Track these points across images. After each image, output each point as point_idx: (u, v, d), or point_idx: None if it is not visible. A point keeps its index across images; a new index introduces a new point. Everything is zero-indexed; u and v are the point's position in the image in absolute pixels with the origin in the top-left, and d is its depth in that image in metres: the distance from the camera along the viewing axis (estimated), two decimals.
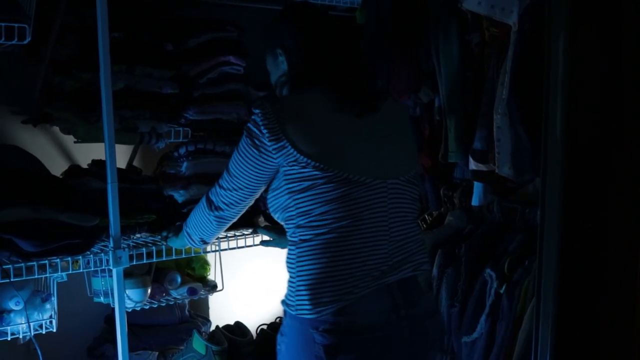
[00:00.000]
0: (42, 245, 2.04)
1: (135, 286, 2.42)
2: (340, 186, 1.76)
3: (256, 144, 1.80)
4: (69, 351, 2.63)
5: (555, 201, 1.95)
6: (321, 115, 1.82)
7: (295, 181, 1.78)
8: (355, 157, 1.81)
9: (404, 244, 1.88)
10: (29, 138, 2.45)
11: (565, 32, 1.90)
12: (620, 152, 1.94)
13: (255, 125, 1.79)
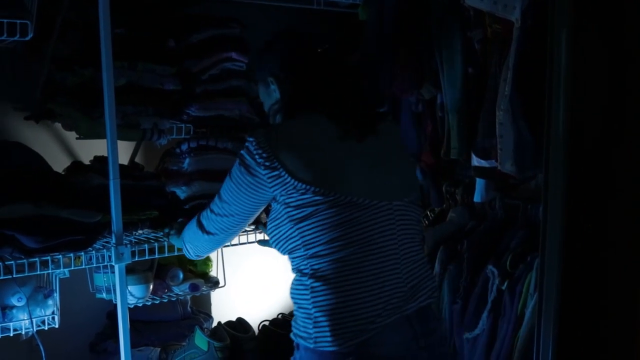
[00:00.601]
0: (45, 242, 2.04)
1: (137, 282, 2.42)
2: (344, 210, 1.73)
3: (250, 172, 1.77)
4: (71, 347, 2.63)
5: (557, 197, 1.95)
6: (318, 141, 1.79)
7: (296, 209, 1.74)
8: (358, 179, 1.78)
9: (415, 268, 1.86)
10: (31, 134, 2.45)
11: (567, 28, 1.90)
12: (623, 149, 1.94)
13: (249, 153, 1.76)
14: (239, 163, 1.80)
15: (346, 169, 1.78)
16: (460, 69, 2.36)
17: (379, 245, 1.77)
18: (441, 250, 2.62)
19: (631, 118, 1.92)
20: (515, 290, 2.30)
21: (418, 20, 2.47)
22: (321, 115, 1.81)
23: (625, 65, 1.92)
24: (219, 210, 1.90)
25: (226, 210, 1.88)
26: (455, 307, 2.50)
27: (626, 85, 1.92)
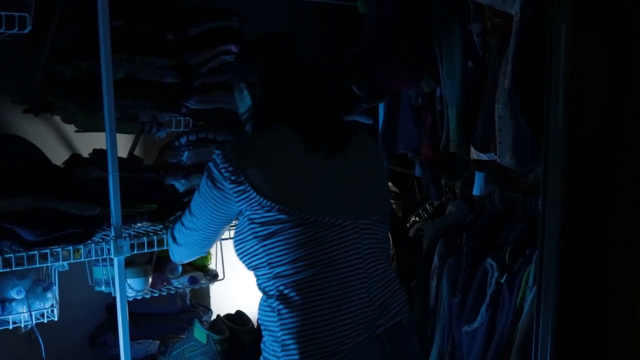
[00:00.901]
0: (44, 235, 2.04)
1: (136, 275, 2.42)
2: (309, 229, 1.71)
3: (217, 186, 1.76)
4: (71, 340, 2.64)
5: (556, 191, 1.95)
6: (286, 156, 1.77)
7: (261, 225, 1.72)
8: (323, 198, 1.76)
9: (383, 285, 1.84)
10: (30, 127, 2.45)
11: (567, 22, 1.90)
12: (623, 143, 1.94)
13: (216, 166, 1.74)
14: (206, 176, 1.79)
15: (313, 186, 1.76)
16: (459, 62, 2.36)
17: (345, 265, 1.75)
18: (440, 243, 2.63)
19: (631, 112, 1.92)
20: (514, 283, 2.30)
21: (417, 14, 2.46)
22: (291, 128, 1.79)
23: (625, 60, 1.92)
24: (188, 224, 1.92)
25: (194, 224, 1.89)
26: (454, 301, 2.50)
27: (626, 79, 1.92)
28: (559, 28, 1.90)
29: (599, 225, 2.01)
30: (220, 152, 1.74)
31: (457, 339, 2.51)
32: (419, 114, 2.66)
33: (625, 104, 1.93)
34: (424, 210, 3.01)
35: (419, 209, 3.04)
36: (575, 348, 2.05)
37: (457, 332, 2.50)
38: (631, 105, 1.91)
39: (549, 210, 1.97)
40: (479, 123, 2.26)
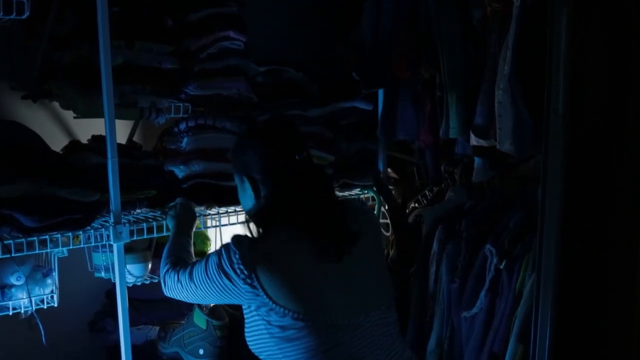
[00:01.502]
0: (43, 221, 2.04)
1: (136, 261, 2.43)
2: (327, 335, 1.74)
3: (229, 279, 1.76)
4: (71, 326, 2.64)
5: (556, 178, 1.95)
6: (300, 262, 1.77)
7: (277, 328, 1.74)
8: (337, 300, 1.77)
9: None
10: (29, 114, 2.44)
11: (567, 7, 1.89)
12: (624, 130, 1.93)
13: (230, 263, 1.75)
14: (217, 265, 1.78)
15: (325, 290, 1.77)
16: (459, 48, 2.35)
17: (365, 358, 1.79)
18: (439, 229, 2.63)
19: (633, 99, 1.91)
20: (513, 269, 2.31)
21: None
22: (300, 232, 1.79)
23: (627, 45, 1.91)
24: (185, 284, 1.90)
25: (191, 290, 1.88)
26: (453, 286, 2.50)
27: (627, 66, 1.91)
28: (560, 13, 1.89)
29: (598, 213, 2.01)
30: (237, 252, 1.74)
31: (456, 324, 2.51)
32: (419, 100, 2.65)
33: (627, 91, 1.92)
34: (424, 196, 3.00)
35: (418, 195, 3.03)
36: (574, 334, 2.06)
37: (456, 318, 2.51)
38: (633, 92, 1.91)
39: (549, 197, 1.97)
40: (479, 109, 2.26)
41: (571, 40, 1.89)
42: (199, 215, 2.47)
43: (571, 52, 1.90)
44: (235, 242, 1.77)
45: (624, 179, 1.95)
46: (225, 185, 2.51)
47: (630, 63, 1.91)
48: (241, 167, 1.93)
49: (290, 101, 2.70)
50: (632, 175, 1.93)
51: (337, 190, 2.88)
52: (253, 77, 2.62)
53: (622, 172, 1.95)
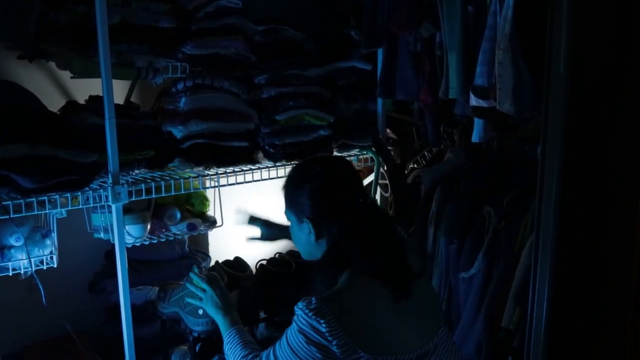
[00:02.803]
0: (41, 182, 2.03)
1: (134, 222, 2.43)
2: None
3: (319, 346, 1.67)
4: (71, 286, 2.66)
5: (556, 137, 1.94)
6: (378, 309, 1.75)
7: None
8: (411, 335, 1.78)
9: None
10: (25, 74, 2.42)
11: None
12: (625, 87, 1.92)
13: (319, 334, 1.67)
14: (305, 341, 1.69)
15: (401, 328, 1.77)
16: (459, 7, 2.32)
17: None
18: (438, 190, 2.63)
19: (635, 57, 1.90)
20: (512, 230, 2.31)
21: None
22: (370, 276, 1.76)
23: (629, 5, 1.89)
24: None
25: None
26: (451, 248, 2.51)
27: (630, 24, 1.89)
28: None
29: (598, 174, 2.00)
30: (324, 322, 1.66)
31: (454, 285, 2.53)
32: (418, 60, 2.63)
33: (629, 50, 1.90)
34: (423, 157, 3.00)
35: (417, 156, 3.03)
36: (572, 296, 2.07)
37: (454, 279, 2.52)
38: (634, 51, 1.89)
39: (549, 157, 1.96)
40: (479, 69, 2.24)
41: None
42: (197, 175, 2.46)
43: (573, 10, 1.87)
44: (314, 312, 1.67)
45: (623, 139, 1.94)
46: (224, 145, 2.50)
47: (632, 22, 1.89)
48: (299, 207, 1.86)
49: (289, 61, 2.67)
50: (631, 135, 1.92)
51: (336, 150, 2.88)
52: (251, 36, 2.60)
53: (622, 131, 1.94)
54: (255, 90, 2.62)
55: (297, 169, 1.93)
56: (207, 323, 2.26)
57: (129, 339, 2.30)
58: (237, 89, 2.55)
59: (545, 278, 2.00)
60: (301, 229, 1.88)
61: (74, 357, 2.53)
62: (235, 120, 2.53)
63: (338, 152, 2.87)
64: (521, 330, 2.19)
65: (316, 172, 1.86)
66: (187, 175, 2.46)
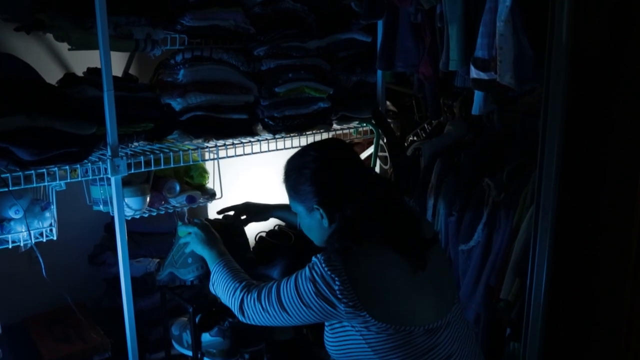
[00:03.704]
0: (40, 154, 2.03)
1: (134, 194, 2.43)
2: (424, 339, 1.76)
3: (332, 305, 1.70)
4: (70, 259, 2.67)
5: (557, 109, 1.93)
6: (392, 276, 1.76)
7: (376, 339, 1.73)
8: (427, 306, 1.79)
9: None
10: (23, 46, 2.41)
11: None
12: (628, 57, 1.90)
13: (332, 292, 1.69)
14: (315, 293, 1.71)
15: (417, 298, 1.78)
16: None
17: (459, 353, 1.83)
18: (438, 163, 2.63)
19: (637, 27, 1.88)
20: (511, 202, 2.31)
21: None
22: (385, 247, 1.77)
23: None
24: (269, 309, 1.80)
25: (282, 317, 1.78)
26: (450, 220, 2.51)
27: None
28: None
29: (599, 145, 2.00)
30: (337, 279, 1.68)
31: (453, 257, 2.53)
32: (418, 32, 2.61)
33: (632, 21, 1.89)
34: (422, 129, 2.99)
35: (417, 129, 3.03)
36: (572, 266, 2.07)
37: (453, 251, 2.53)
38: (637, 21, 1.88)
39: (549, 129, 1.95)
40: (479, 41, 2.22)
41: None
42: (195, 148, 2.46)
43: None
44: (331, 269, 1.69)
45: (625, 110, 1.93)
46: (223, 117, 2.49)
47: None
48: (307, 197, 1.85)
49: (288, 32, 2.65)
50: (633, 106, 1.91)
51: (335, 123, 2.87)
52: (250, 7, 2.58)
53: (623, 103, 1.93)
54: (254, 62, 2.61)
55: (292, 160, 1.90)
56: (198, 268, 2.22)
57: (129, 311, 2.31)
58: (236, 61, 2.54)
59: (545, 250, 2.01)
60: (312, 217, 1.86)
61: (74, 328, 2.55)
62: (234, 93, 2.52)
63: (337, 125, 2.87)
64: (520, 302, 2.20)
65: (312, 157, 1.85)
66: (186, 148, 2.45)
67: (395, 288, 1.76)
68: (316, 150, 1.89)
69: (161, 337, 2.64)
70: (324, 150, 1.90)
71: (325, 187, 1.82)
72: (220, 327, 2.30)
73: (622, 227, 1.97)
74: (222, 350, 2.35)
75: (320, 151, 1.88)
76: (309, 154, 1.86)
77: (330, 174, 1.82)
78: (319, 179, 1.82)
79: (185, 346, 2.43)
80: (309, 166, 1.83)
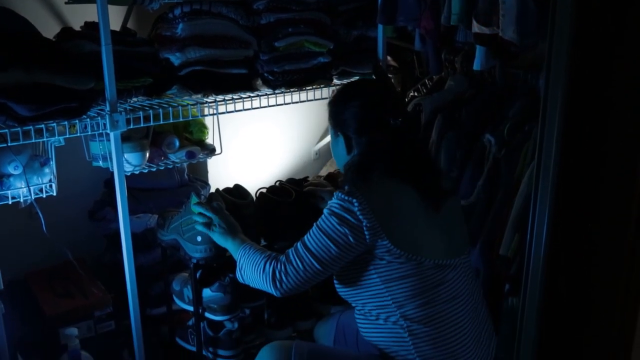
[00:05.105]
0: (38, 109, 2.01)
1: (133, 150, 2.41)
2: (432, 273, 1.85)
3: (350, 226, 1.80)
4: (71, 215, 2.67)
5: (561, 65, 1.91)
6: (406, 207, 1.87)
7: (388, 268, 1.84)
8: (437, 243, 1.89)
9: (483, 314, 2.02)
10: None
11: None
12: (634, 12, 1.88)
13: (352, 214, 1.80)
14: (337, 222, 1.82)
15: (428, 234, 1.88)
16: None
17: (465, 297, 1.93)
18: (439, 118, 2.61)
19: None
20: (512, 158, 2.31)
21: None
22: (401, 182, 1.89)
23: None
24: (301, 265, 1.86)
25: (310, 268, 1.86)
26: (451, 176, 2.51)
27: None
28: None
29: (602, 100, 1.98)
30: (356, 201, 1.80)
31: None
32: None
33: None
34: (423, 85, 2.97)
35: (418, 84, 3.01)
36: (572, 222, 2.07)
37: None
38: None
39: (552, 85, 1.93)
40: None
41: None
42: (195, 103, 2.45)
43: None
44: (347, 193, 1.82)
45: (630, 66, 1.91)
46: (222, 72, 2.47)
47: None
48: (337, 122, 2.02)
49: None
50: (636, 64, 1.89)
51: (336, 78, 2.85)
52: None
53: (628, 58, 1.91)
54: (253, 16, 2.58)
55: (343, 86, 2.11)
56: (206, 250, 2.28)
57: (129, 267, 2.32)
58: (236, 15, 2.51)
59: (546, 205, 2.01)
60: (337, 142, 2.03)
61: (75, 283, 2.56)
62: (234, 47, 2.49)
63: (338, 80, 2.84)
64: (519, 258, 2.21)
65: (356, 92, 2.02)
66: (185, 103, 2.43)
67: (409, 216, 1.87)
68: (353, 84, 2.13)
69: (162, 292, 2.67)
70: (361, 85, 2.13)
71: (341, 117, 1.99)
72: (221, 282, 2.31)
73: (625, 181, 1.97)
74: (223, 306, 2.36)
75: (354, 86, 2.10)
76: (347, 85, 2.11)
77: (350, 109, 1.97)
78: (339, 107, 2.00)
79: (186, 301, 2.45)
80: (338, 94, 2.05)
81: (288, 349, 1.93)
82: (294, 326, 2.64)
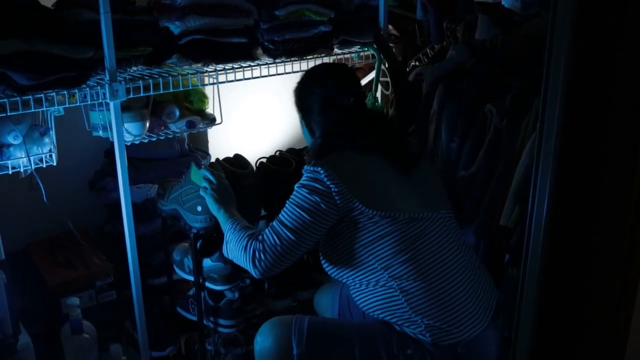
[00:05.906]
0: (37, 79, 2.00)
1: (133, 119, 2.41)
2: (409, 227, 1.93)
3: (319, 193, 1.90)
4: (71, 185, 2.67)
5: (564, 34, 1.89)
6: (372, 171, 1.98)
7: (365, 231, 1.92)
8: (410, 199, 1.98)
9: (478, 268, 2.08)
10: None
11: None
12: None
13: (319, 182, 1.90)
14: (307, 192, 1.91)
15: (399, 192, 1.98)
16: None
17: (451, 247, 1.99)
18: (440, 88, 2.60)
19: None
20: (514, 129, 2.30)
21: None
22: (371, 154, 2.01)
23: None
24: (278, 241, 1.92)
25: (287, 243, 1.91)
26: (452, 146, 2.50)
27: None
28: None
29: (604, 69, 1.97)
30: (323, 171, 1.90)
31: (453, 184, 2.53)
32: None
33: None
34: (425, 54, 2.96)
35: (419, 53, 2.99)
36: (573, 192, 2.07)
37: (453, 177, 2.52)
38: None
39: (555, 55, 1.92)
40: None
41: None
42: (195, 72, 2.43)
43: None
44: (314, 164, 1.93)
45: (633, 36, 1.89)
46: (223, 41, 2.45)
47: None
48: (298, 108, 2.24)
49: None
50: None
51: (337, 47, 2.83)
52: None
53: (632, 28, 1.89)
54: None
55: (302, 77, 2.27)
56: (206, 220, 2.28)
57: (130, 237, 2.32)
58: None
59: (547, 175, 2.00)
60: (302, 127, 2.22)
61: (76, 253, 2.57)
62: (234, 16, 2.47)
63: (339, 49, 2.82)
64: (520, 228, 2.21)
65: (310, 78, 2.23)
66: (185, 72, 2.42)
67: (377, 179, 1.97)
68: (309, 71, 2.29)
69: (163, 262, 2.67)
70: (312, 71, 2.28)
71: (299, 103, 2.22)
72: (221, 252, 2.32)
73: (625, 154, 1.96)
74: (224, 275, 2.37)
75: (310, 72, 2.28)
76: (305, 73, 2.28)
77: (304, 95, 2.20)
78: (296, 94, 2.24)
79: (186, 271, 2.46)
80: (298, 82, 2.25)
81: (288, 323, 1.98)
82: (294, 296, 2.66)
